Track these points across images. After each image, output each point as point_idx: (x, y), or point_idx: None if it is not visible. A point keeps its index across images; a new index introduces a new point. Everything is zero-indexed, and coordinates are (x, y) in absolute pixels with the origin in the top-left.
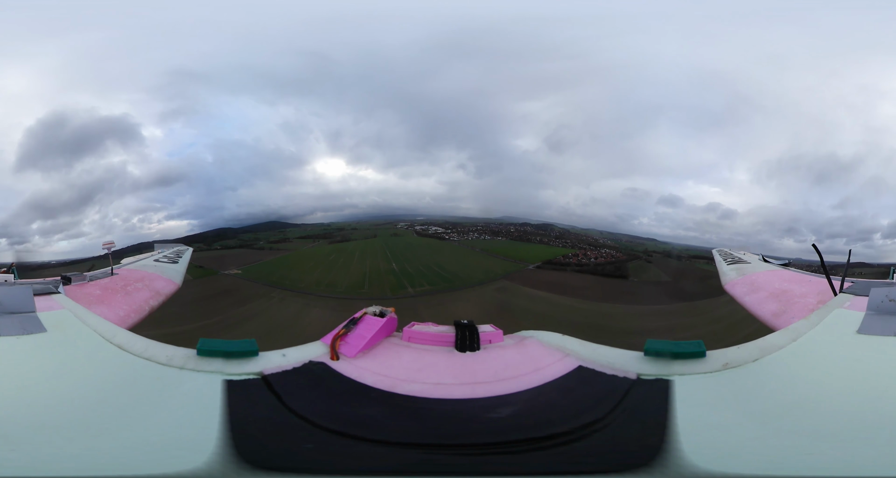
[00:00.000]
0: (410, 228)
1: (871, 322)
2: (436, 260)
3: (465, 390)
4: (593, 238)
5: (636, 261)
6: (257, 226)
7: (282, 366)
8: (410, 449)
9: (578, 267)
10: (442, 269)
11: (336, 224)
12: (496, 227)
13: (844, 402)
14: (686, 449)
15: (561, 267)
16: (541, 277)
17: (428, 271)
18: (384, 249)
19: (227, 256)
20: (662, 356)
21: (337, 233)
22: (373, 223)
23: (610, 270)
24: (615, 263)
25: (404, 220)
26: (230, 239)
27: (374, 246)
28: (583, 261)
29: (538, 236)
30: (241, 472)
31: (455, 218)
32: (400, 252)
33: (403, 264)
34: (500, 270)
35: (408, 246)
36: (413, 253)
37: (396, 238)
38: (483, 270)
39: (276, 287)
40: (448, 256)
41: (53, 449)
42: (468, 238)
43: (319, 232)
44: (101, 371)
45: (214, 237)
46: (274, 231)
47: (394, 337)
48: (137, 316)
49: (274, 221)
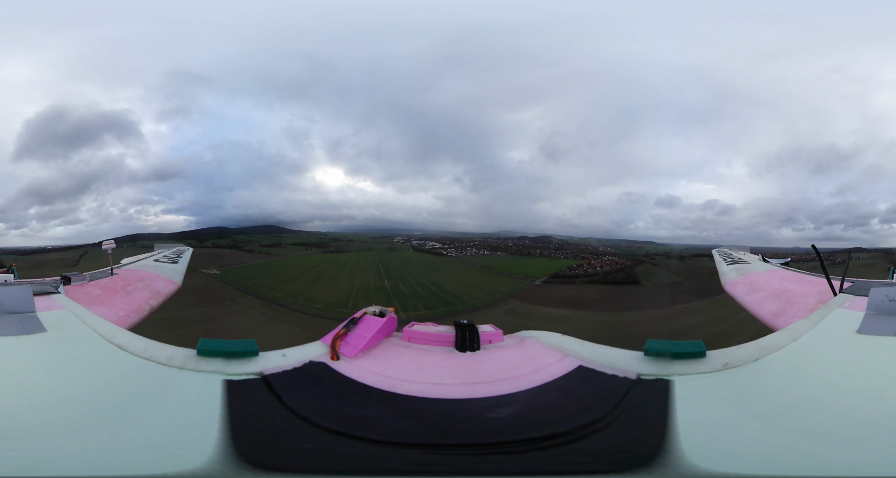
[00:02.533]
0: (407, 243)
1: (871, 322)
2: (433, 278)
3: (465, 390)
4: (593, 247)
5: (641, 265)
6: (254, 228)
7: (282, 366)
8: (410, 449)
9: (587, 278)
10: (440, 288)
11: (332, 234)
12: (494, 241)
13: (844, 402)
14: (686, 449)
15: (569, 280)
16: (552, 292)
17: (424, 291)
18: (377, 263)
19: (215, 254)
20: (662, 356)
21: (332, 243)
22: (369, 236)
23: (621, 277)
24: (623, 270)
25: (401, 234)
26: (224, 238)
27: (368, 260)
28: (589, 271)
29: (537, 249)
30: (241, 472)
31: (452, 233)
32: (394, 268)
33: (396, 282)
34: (505, 289)
35: (403, 262)
36: (408, 270)
37: (392, 252)
38: (487, 290)
39: (247, 293)
40: (446, 274)
41: (53, 449)
42: (467, 253)
43: (314, 240)
44: (101, 371)
45: (209, 235)
46: (269, 235)
47: (394, 337)
48: (137, 316)
49: (271, 225)
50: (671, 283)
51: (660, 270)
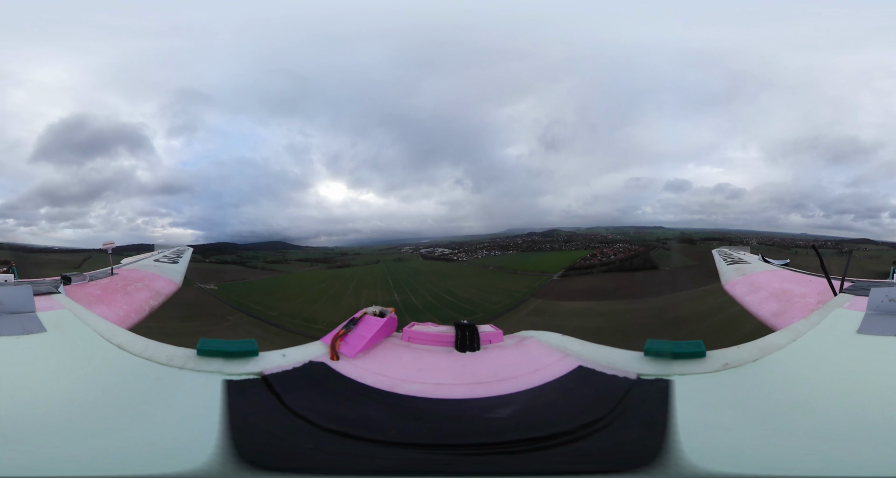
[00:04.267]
0: (416, 252)
1: (871, 322)
2: (445, 286)
3: (465, 390)
4: (602, 235)
5: (654, 250)
6: (261, 245)
7: (282, 366)
8: (410, 449)
9: (604, 267)
10: (454, 296)
11: (339, 249)
12: (503, 241)
13: (844, 402)
14: (686, 449)
15: (586, 270)
16: (572, 285)
17: (438, 301)
18: (385, 276)
19: (216, 270)
20: (662, 356)
21: (338, 258)
22: (377, 248)
23: (638, 263)
24: (638, 256)
25: (409, 243)
26: (229, 254)
27: (375, 273)
28: (604, 260)
29: (547, 244)
30: (241, 472)
31: (460, 237)
32: (404, 279)
33: (408, 295)
34: (524, 288)
35: (413, 272)
36: (419, 280)
37: (401, 263)
38: (505, 292)
39: (240, 310)
40: (460, 280)
41: (53, 449)
42: (478, 256)
43: (321, 256)
44: (101, 371)
45: (216, 251)
46: (275, 251)
47: (394, 337)
48: (137, 316)
49: (278, 241)
50: (688, 266)
51: (673, 254)
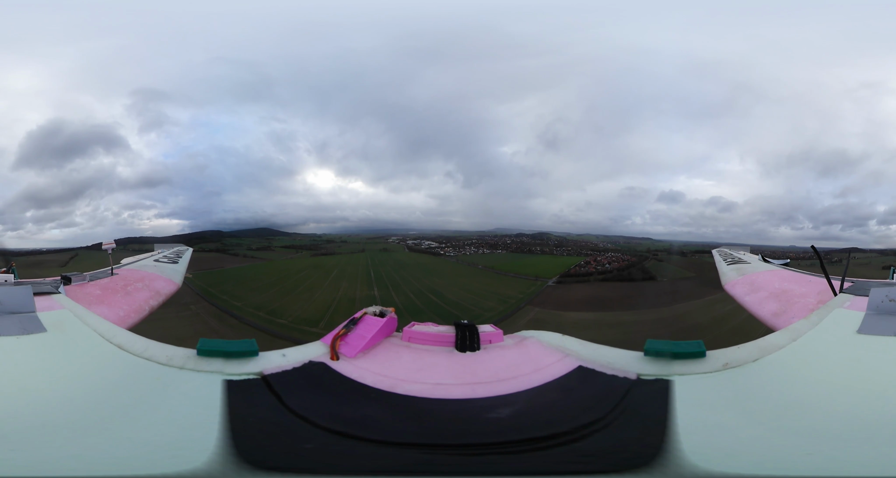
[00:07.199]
0: (402, 243)
1: (871, 322)
2: (431, 285)
3: (465, 390)
4: (593, 243)
5: (647, 261)
6: (247, 232)
7: (282, 366)
8: (410, 449)
9: (601, 275)
10: (440, 298)
11: (327, 236)
12: (492, 239)
13: (844, 402)
14: (686, 449)
15: (583, 278)
16: (570, 294)
17: (422, 301)
18: (368, 267)
19: (197, 258)
20: (662, 356)
21: (324, 245)
22: (364, 237)
23: (637, 274)
24: (634, 266)
25: (396, 234)
26: (213, 242)
27: (358, 263)
28: (599, 268)
29: (537, 246)
30: (241, 472)
31: (448, 232)
32: (387, 273)
33: (388, 291)
34: (518, 294)
35: (398, 265)
36: (402, 274)
37: (386, 254)
38: (497, 297)
39: (205, 299)
40: (447, 279)
41: (53, 449)
42: (465, 252)
43: (307, 243)
44: (101, 371)
45: (202, 239)
46: (263, 238)
47: (394, 337)
48: (137, 316)
49: (265, 228)
50: (686, 278)
51: (666, 265)
